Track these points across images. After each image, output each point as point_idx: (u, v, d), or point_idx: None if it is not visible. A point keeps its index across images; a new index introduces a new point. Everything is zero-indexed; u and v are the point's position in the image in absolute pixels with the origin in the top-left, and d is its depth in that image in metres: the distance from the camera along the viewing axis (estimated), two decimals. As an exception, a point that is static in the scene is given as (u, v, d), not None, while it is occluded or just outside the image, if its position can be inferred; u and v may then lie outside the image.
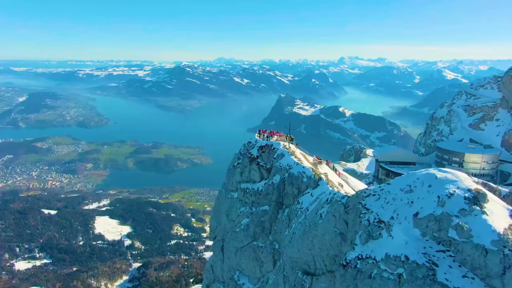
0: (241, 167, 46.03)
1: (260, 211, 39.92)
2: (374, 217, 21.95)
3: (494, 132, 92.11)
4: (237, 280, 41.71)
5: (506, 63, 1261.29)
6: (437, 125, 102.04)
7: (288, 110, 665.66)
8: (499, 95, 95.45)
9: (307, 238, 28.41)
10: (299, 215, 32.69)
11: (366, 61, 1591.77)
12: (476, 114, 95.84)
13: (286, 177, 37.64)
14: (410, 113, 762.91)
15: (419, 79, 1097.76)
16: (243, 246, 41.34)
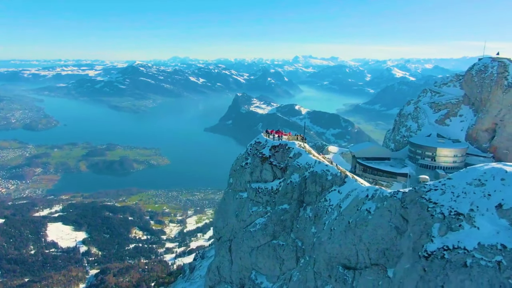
0: (251, 167, 45.91)
1: (280, 210, 40.19)
2: (449, 210, 21.99)
3: (458, 127, 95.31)
4: (255, 280, 41.50)
5: (449, 62, 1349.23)
6: (405, 121, 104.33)
7: (245, 109, 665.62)
8: (461, 92, 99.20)
9: (352, 233, 27.03)
10: (330, 212, 30.94)
11: (320, 60, 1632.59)
12: (441, 111, 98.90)
13: (308, 175, 37.82)
14: (363, 110, 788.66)
15: (370, 77, 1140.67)
16: (260, 246, 41.22)
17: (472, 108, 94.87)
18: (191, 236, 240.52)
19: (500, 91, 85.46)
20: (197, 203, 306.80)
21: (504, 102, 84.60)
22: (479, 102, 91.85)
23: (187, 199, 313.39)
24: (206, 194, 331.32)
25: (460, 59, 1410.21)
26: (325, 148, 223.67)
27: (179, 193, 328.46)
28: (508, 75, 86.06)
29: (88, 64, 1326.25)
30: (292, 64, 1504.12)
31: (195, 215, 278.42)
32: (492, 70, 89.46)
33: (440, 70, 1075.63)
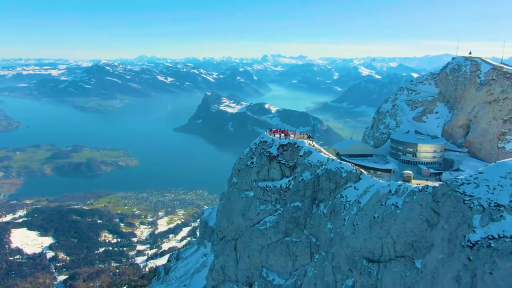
0: (258, 166, 46.21)
1: (292, 207, 40.98)
2: (488, 202, 22.94)
3: (434, 123, 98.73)
4: (266, 277, 41.91)
5: (412, 60, 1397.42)
6: (383, 119, 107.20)
7: (215, 108, 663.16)
8: (436, 90, 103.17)
9: (378, 227, 28.26)
10: (349, 208, 31.80)
11: (288, 58, 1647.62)
12: (418, 108, 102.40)
13: (321, 173, 38.60)
14: (331, 108, 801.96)
15: (338, 75, 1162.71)
16: (271, 243, 41.69)
17: (447, 105, 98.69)
18: (163, 237, 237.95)
19: (473, 89, 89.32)
20: (168, 204, 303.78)
21: (477, 99, 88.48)
22: (454, 99, 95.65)
23: (157, 200, 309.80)
24: (177, 194, 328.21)
25: (423, 57, 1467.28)
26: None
27: (149, 194, 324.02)
28: (480, 73, 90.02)
29: (51, 64, 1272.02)
30: (261, 63, 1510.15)
31: (166, 216, 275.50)
32: (466, 69, 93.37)
33: (404, 68, 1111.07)
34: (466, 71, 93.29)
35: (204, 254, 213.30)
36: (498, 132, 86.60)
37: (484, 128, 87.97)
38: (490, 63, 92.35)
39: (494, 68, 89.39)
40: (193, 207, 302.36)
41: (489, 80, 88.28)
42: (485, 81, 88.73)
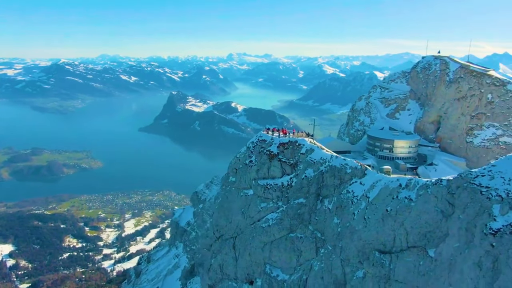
0: (257, 165, 46.76)
1: (296, 204, 41.55)
2: (506, 192, 24.24)
3: (407, 120, 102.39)
4: (270, 273, 42.52)
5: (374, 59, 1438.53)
6: (358, 116, 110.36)
7: (181, 107, 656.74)
8: (408, 88, 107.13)
9: (392, 220, 30.88)
10: (357, 203, 33.30)
11: (254, 57, 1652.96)
12: (391, 105, 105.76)
13: (325, 169, 40.20)
14: (297, 106, 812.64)
15: (303, 74, 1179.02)
16: (275, 240, 42.44)
17: (419, 102, 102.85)
18: (130, 240, 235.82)
19: (443, 86, 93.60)
20: (135, 205, 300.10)
21: (447, 96, 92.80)
22: (425, 96, 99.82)
23: (123, 203, 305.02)
24: (144, 196, 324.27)
25: (384, 56, 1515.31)
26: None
27: (114, 196, 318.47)
28: (449, 71, 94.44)
29: (6, 63, 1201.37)
30: (226, 61, 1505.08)
31: (133, 218, 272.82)
32: (435, 67, 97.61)
33: (367, 66, 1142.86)
34: (436, 69, 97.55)
35: (176, 255, 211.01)
36: (467, 127, 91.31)
37: (453, 123, 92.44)
38: (457, 61, 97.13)
39: (461, 67, 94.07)
40: (161, 208, 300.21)
41: (457, 78, 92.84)
42: (454, 79, 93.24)
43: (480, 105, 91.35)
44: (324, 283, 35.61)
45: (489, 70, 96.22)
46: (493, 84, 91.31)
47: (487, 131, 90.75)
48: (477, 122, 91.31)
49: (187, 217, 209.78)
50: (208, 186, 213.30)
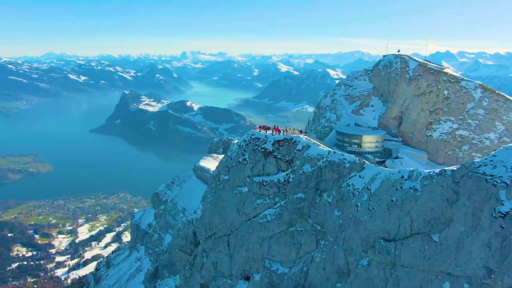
0: (252, 162, 47.90)
1: (295, 199, 42.93)
2: (510, 179, 26.87)
3: (371, 116, 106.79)
4: (270, 267, 43.74)
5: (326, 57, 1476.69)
6: (324, 113, 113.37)
7: (134, 107, 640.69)
8: (371, 85, 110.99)
9: (398, 209, 34.08)
10: (359, 195, 35.53)
11: (208, 55, 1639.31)
12: (356, 102, 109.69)
13: (323, 165, 42.01)
14: (253, 104, 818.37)
15: (258, 72, 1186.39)
16: (274, 234, 43.77)
17: (381, 99, 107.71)
18: (85, 246, 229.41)
19: (404, 83, 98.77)
20: (88, 210, 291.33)
21: (408, 93, 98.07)
22: (387, 93, 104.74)
23: (76, 207, 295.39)
24: (98, 199, 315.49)
25: (336, 54, 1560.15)
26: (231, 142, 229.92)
27: (66, 201, 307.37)
28: (409, 69, 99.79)
29: None
30: (180, 60, 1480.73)
31: (87, 223, 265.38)
32: (396, 66, 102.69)
33: (320, 64, 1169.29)
34: (396, 67, 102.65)
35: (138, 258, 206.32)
36: (426, 122, 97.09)
37: (414, 119, 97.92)
38: (416, 60, 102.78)
39: (420, 65, 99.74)
40: (116, 211, 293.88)
41: (416, 75, 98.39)
42: (413, 76, 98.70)
43: (437, 101, 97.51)
44: (327, 273, 37.33)
45: (445, 67, 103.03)
46: (448, 81, 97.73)
47: (445, 125, 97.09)
48: (435, 117, 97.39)
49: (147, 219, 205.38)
50: (169, 186, 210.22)
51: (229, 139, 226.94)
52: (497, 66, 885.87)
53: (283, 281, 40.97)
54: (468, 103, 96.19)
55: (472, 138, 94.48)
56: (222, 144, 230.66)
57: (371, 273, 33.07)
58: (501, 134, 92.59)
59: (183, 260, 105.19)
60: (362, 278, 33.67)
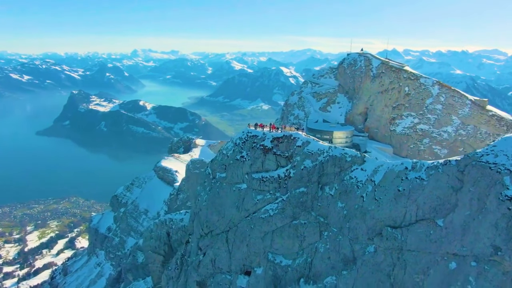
0: (251, 159, 49.07)
1: (297, 193, 44.15)
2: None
3: (338, 112, 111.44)
4: (273, 260, 44.96)
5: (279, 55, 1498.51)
6: (292, 110, 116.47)
7: (84, 107, 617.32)
8: (336, 83, 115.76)
9: (405, 198, 36.13)
10: (363, 187, 38.46)
11: (160, 53, 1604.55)
12: (322, 99, 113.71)
13: (325, 159, 43.53)
14: (207, 102, 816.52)
15: (212, 70, 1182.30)
16: (277, 228, 45.23)
17: (347, 96, 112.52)
18: (35, 254, 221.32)
19: (368, 81, 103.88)
20: (37, 216, 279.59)
21: (372, 90, 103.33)
22: (353, 90, 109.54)
23: (23, 214, 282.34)
24: (47, 205, 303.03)
25: (288, 52, 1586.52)
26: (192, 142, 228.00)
27: (12, 208, 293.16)
28: (372, 67, 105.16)
29: None
30: (131, 58, 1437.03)
31: (36, 230, 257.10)
32: (361, 64, 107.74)
33: (273, 62, 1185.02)
34: (361, 65, 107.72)
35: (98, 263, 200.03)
36: (389, 117, 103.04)
37: (378, 114, 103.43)
38: (379, 58, 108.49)
39: (382, 63, 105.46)
40: (68, 217, 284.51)
41: (379, 73, 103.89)
42: (377, 74, 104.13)
43: (399, 97, 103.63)
44: (332, 262, 39.29)
45: (405, 65, 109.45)
46: (409, 78, 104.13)
47: (406, 120, 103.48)
48: (398, 112, 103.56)
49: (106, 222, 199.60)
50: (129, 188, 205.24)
51: (189, 139, 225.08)
52: (439, 64, 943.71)
53: (287, 272, 42.47)
54: (427, 99, 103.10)
55: (432, 132, 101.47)
56: (182, 144, 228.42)
57: (378, 259, 35.38)
58: (457, 127, 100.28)
59: (156, 262, 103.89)
60: (369, 264, 35.92)
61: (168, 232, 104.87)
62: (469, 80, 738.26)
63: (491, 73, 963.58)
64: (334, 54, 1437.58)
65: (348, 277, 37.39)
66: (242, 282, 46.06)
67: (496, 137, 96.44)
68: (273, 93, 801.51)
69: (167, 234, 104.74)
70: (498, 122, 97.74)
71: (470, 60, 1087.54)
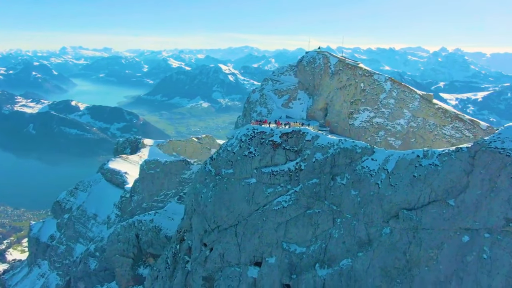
0: (260, 155, 51.24)
1: (310, 184, 47.06)
2: None
3: (299, 108, 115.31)
4: (288, 249, 47.41)
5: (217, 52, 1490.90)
6: (254, 107, 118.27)
7: (8, 109, 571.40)
8: (296, 80, 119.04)
9: (421, 183, 40.32)
10: (376, 175, 42.55)
11: (92, 51, 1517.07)
12: (284, 96, 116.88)
13: (336, 152, 46.76)
14: (145, 101, 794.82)
15: (148, 68, 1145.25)
16: (291, 218, 47.88)
17: (307, 93, 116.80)
18: None
19: (327, 78, 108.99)
20: None
21: (331, 86, 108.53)
22: (313, 87, 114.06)
23: None
24: None
25: (226, 49, 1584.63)
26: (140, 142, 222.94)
27: None
28: (330, 65, 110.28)
29: None
30: (60, 56, 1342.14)
31: None
32: (320, 62, 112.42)
33: (211, 59, 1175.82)
34: (320, 63, 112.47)
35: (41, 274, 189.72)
36: (348, 112, 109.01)
37: (338, 109, 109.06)
38: (336, 56, 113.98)
39: (339, 61, 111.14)
40: None
41: (337, 70, 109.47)
42: (335, 71, 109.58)
43: (356, 93, 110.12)
44: (346, 246, 42.56)
45: (359, 63, 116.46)
46: (364, 75, 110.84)
47: (363, 114, 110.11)
48: (355, 107, 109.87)
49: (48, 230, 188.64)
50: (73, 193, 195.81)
51: (136, 139, 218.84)
52: (369, 60, 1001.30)
53: (302, 259, 45.06)
54: (380, 94, 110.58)
55: (386, 125, 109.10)
56: (129, 144, 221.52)
57: (394, 239, 39.25)
58: (409, 120, 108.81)
59: (125, 265, 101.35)
60: (385, 244, 39.70)
61: (137, 234, 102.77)
62: (396, 75, 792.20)
63: (416, 69, 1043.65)
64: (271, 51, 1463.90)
65: (364, 258, 40.98)
66: (253, 273, 47.87)
67: (442, 128, 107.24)
68: (212, 91, 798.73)
69: (136, 236, 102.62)
70: (443, 114, 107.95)
71: (397, 57, 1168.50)
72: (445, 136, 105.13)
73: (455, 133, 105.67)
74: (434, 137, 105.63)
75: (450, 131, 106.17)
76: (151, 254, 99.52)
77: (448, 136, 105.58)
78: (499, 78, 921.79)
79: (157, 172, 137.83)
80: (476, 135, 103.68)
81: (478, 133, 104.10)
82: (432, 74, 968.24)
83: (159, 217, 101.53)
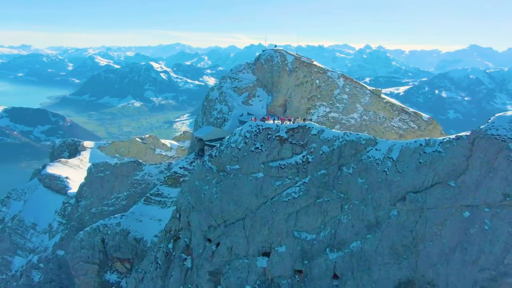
0: (267, 150, 53.62)
1: (319, 175, 50.55)
2: None
3: (259, 105, 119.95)
4: (299, 237, 50.14)
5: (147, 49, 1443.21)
6: (214, 105, 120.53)
7: None
8: (254, 77, 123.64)
9: (427, 168, 45.94)
10: (382, 164, 46.94)
11: (8, 48, 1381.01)
12: (244, 93, 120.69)
13: (341, 144, 50.34)
14: (71, 101, 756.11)
15: (73, 66, 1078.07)
16: (301, 208, 50.89)
17: (265, 90, 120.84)
18: None
19: (285, 75, 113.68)
20: None
21: (289, 83, 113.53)
22: (271, 84, 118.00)
23: None
24: None
25: (157, 46, 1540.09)
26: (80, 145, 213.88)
27: None
28: (288, 63, 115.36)
29: None
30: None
31: None
32: (277, 59, 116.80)
33: (141, 57, 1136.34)
34: (278, 61, 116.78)
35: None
36: (306, 108, 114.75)
37: (296, 105, 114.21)
38: (292, 54, 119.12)
39: (295, 58, 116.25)
40: None
41: (294, 68, 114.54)
42: (292, 69, 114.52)
43: (312, 89, 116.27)
44: (355, 230, 46.20)
45: (313, 61, 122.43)
46: (318, 72, 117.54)
47: (320, 109, 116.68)
48: (312, 103, 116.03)
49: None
50: (5, 203, 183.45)
51: (75, 141, 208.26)
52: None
53: (313, 245, 47.87)
54: (335, 90, 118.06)
55: (341, 119, 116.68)
56: (66, 147, 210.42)
57: (401, 219, 43.68)
58: (361, 114, 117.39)
59: (90, 272, 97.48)
60: (393, 225, 43.83)
61: (103, 238, 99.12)
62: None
63: (344, 66, 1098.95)
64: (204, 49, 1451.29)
65: (372, 239, 44.99)
66: (262, 263, 49.80)
67: (391, 120, 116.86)
68: (144, 89, 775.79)
69: (101, 241, 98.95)
70: (391, 108, 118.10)
71: (326, 54, 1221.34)
72: (394, 128, 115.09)
73: (402, 124, 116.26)
74: (384, 129, 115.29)
75: (398, 123, 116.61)
76: (118, 258, 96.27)
77: (396, 128, 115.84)
78: (417, 74, 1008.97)
79: (107, 175, 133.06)
80: (420, 125, 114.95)
81: (421, 124, 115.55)
82: (359, 70, 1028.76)
83: (126, 220, 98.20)
